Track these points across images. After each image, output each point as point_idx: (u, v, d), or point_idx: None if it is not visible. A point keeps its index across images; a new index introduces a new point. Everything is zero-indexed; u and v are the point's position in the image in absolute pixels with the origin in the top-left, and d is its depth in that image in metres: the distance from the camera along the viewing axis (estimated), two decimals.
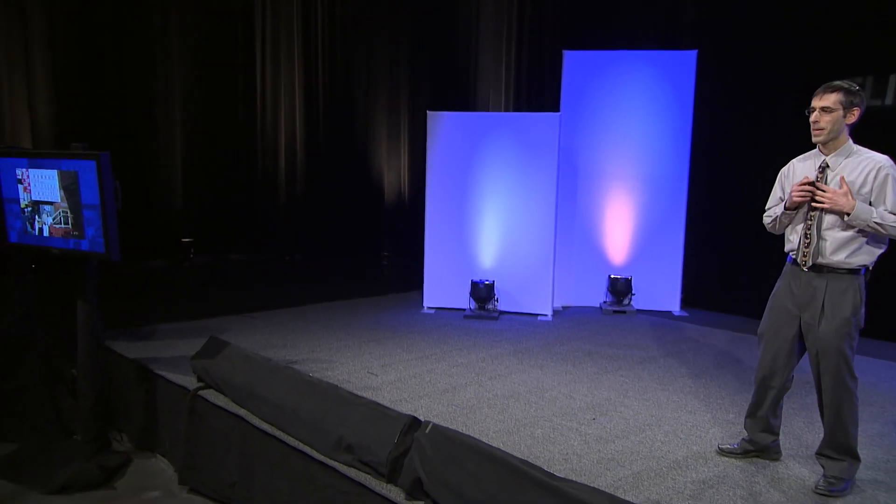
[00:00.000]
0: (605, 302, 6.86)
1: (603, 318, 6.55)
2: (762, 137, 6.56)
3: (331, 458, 3.35)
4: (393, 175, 10.37)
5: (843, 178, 2.99)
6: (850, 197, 2.93)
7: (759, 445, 3.39)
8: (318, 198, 10.31)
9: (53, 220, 4.10)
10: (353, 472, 3.23)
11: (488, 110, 8.54)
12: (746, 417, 3.44)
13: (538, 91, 8.11)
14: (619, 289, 6.73)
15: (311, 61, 10.19)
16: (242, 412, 3.87)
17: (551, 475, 2.70)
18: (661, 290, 6.80)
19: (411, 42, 9.74)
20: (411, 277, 8.19)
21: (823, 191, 2.99)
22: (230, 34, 9.77)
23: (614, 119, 6.76)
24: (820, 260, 3.05)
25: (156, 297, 6.93)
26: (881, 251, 3.03)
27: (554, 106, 6.78)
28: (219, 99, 9.67)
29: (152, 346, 5.09)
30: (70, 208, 4.02)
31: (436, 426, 3.11)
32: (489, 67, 8.79)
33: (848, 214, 2.93)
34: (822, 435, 3.19)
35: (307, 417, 3.56)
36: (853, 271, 3.01)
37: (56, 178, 4.02)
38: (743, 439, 3.45)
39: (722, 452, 3.45)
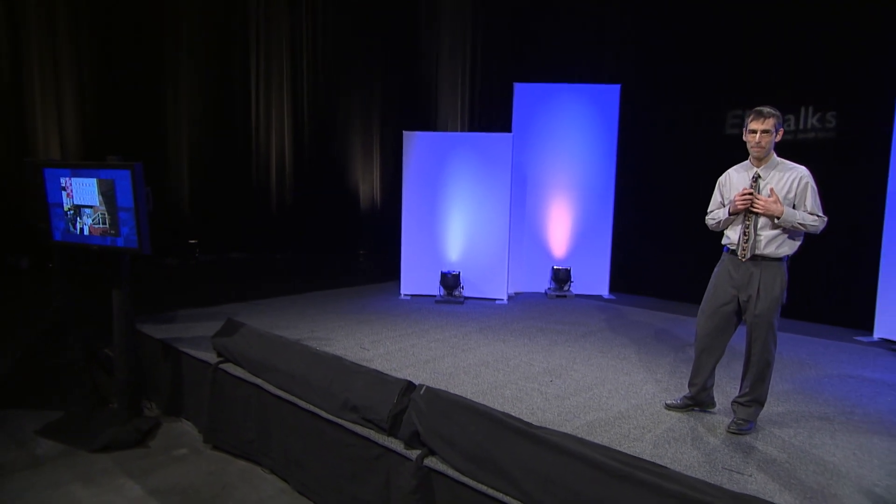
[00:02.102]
0: (549, 288, 6.93)
1: (548, 301, 6.64)
2: (672, 153, 6.76)
3: (338, 417, 3.35)
4: (367, 185, 10.34)
5: (773, 189, 3.15)
6: (779, 203, 3.09)
7: (698, 401, 3.49)
8: (303, 205, 10.24)
9: (93, 221, 4.01)
10: (358, 429, 3.24)
11: (447, 131, 8.60)
12: (690, 383, 3.49)
13: (491, 116, 8.20)
14: (561, 277, 6.82)
15: (298, 90, 10.13)
16: (259, 381, 3.84)
17: (528, 424, 2.75)
18: (594, 278, 6.91)
19: (382, 75, 9.74)
20: (386, 270, 8.20)
21: (759, 199, 3.14)
22: (230, 66, 9.66)
23: (556, 139, 6.85)
24: (756, 252, 3.19)
25: (171, 289, 6.79)
26: (799, 243, 3.21)
27: (506, 127, 6.86)
28: (220, 123, 9.57)
29: (174, 328, 4.99)
30: (107, 211, 3.94)
31: (429, 388, 3.14)
32: (447, 97, 8.86)
33: (778, 218, 3.09)
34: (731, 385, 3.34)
35: (316, 384, 3.55)
36: (780, 259, 3.19)
37: (95, 185, 3.93)
38: (685, 396, 3.52)
39: (668, 407, 3.53)
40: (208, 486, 3.57)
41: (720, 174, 3.49)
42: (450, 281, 6.37)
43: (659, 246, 6.87)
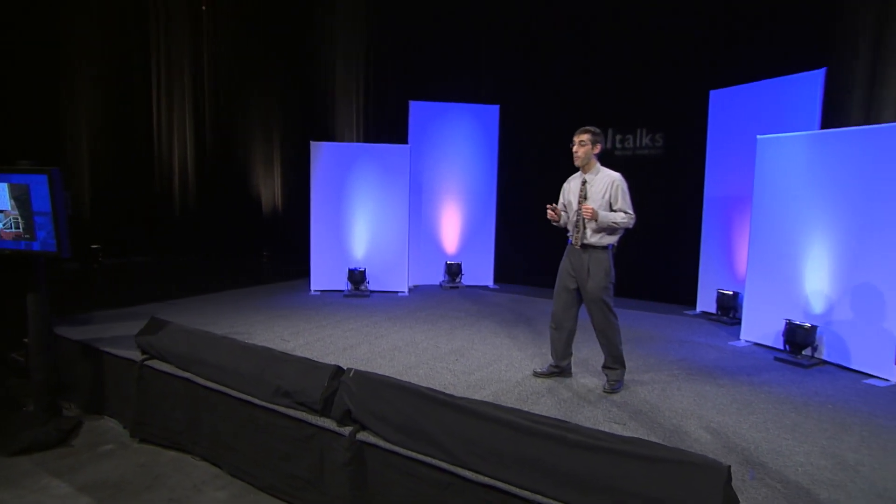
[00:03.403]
0: (443, 281, 7.07)
1: (443, 292, 6.77)
2: (540, 163, 7.10)
3: (271, 403, 3.25)
4: (268, 191, 9.96)
5: (586, 206, 3.49)
6: (595, 211, 3.45)
7: (560, 368, 3.77)
8: (207, 210, 9.71)
9: (4, 225, 3.56)
10: (290, 412, 3.15)
11: (344, 142, 8.51)
12: (551, 353, 3.79)
13: (385, 129, 8.18)
14: (453, 271, 6.99)
15: (199, 101, 9.58)
16: (188, 375, 3.62)
17: (450, 395, 2.84)
18: (480, 271, 7.14)
19: (282, 88, 9.42)
20: (292, 270, 7.97)
21: (586, 208, 3.49)
22: (131, 76, 8.95)
23: (447, 151, 7.01)
24: (584, 241, 3.53)
25: (77, 293, 6.16)
26: (619, 236, 3.58)
27: (402, 140, 6.92)
28: (121, 131, 8.89)
29: (89, 330, 4.54)
30: (21, 215, 3.52)
31: (357, 370, 3.13)
32: (343, 110, 8.75)
33: (596, 221, 3.46)
34: (601, 357, 3.66)
35: (247, 374, 3.40)
36: (604, 248, 3.53)
37: (6, 189, 3.50)
38: (550, 364, 3.79)
39: (536, 375, 3.78)
40: (140, 478, 3.32)
41: None
42: (356, 276, 6.33)
43: (532, 242, 7.21)
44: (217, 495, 3.21)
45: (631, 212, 3.51)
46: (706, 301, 5.75)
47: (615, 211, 3.51)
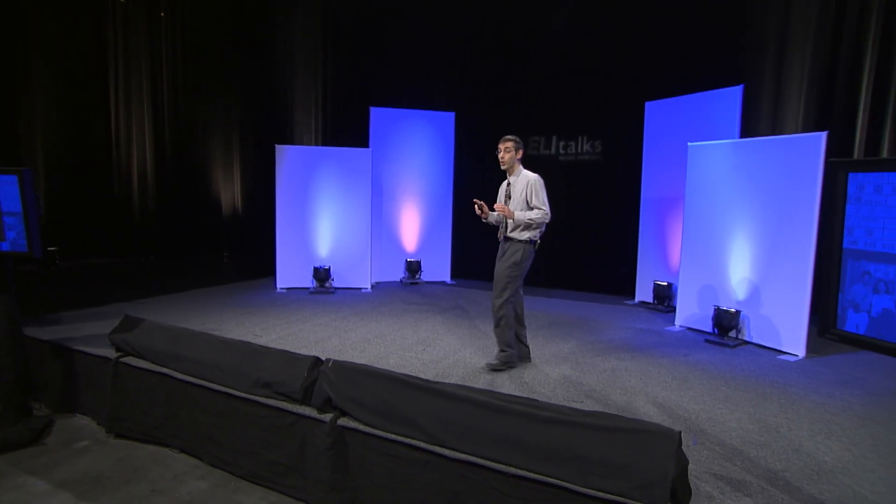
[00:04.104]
0: (403, 277, 7.10)
1: (404, 287, 6.80)
2: (491, 167, 7.19)
3: (251, 395, 3.21)
4: (228, 193, 9.67)
5: (500, 205, 3.72)
6: (509, 210, 3.67)
7: (520, 355, 3.89)
8: (167, 212, 9.34)
9: None
10: (271, 402, 3.13)
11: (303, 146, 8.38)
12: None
13: (344, 133, 8.09)
14: (413, 268, 7.03)
15: (158, 105, 9.20)
16: (165, 370, 3.52)
17: (426, 380, 2.91)
18: (438, 267, 7.20)
19: (240, 92, 9.17)
20: (254, 269, 7.80)
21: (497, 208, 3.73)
22: (87, 79, 8.50)
23: (406, 154, 7.05)
24: (506, 235, 3.76)
25: (37, 294, 5.81)
26: (539, 231, 3.75)
27: (361, 144, 6.92)
28: (78, 134, 8.44)
29: (58, 330, 4.33)
30: None
31: (335, 360, 3.14)
32: (302, 115, 8.61)
33: (512, 220, 3.66)
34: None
35: (226, 367, 3.35)
36: (522, 241, 3.71)
37: None
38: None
39: (491, 368, 3.79)
40: (119, 472, 3.21)
41: None
42: (321, 274, 6.28)
43: (486, 240, 7.27)
44: (198, 485, 3.15)
45: (545, 208, 3.69)
46: (644, 292, 6.05)
47: (532, 207, 3.68)
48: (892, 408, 3.20)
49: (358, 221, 6.46)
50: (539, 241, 3.79)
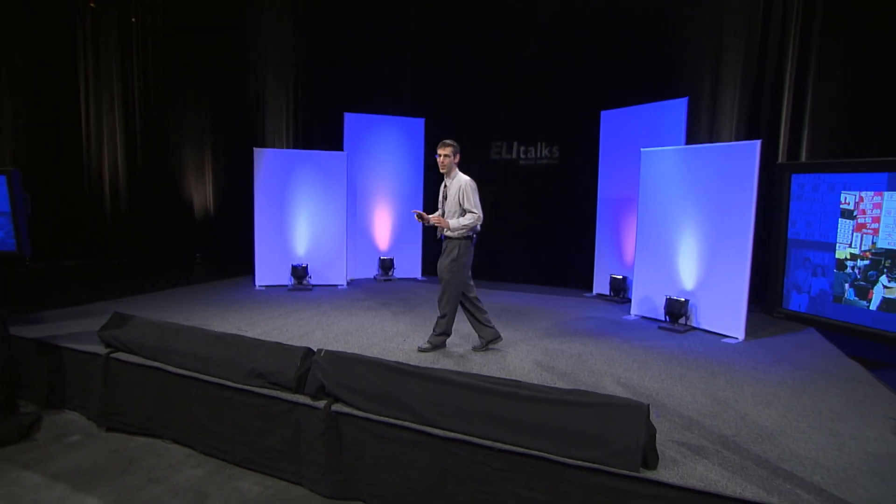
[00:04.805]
0: (377, 274, 7.10)
1: (378, 284, 6.81)
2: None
3: (245, 385, 3.21)
4: (200, 196, 9.43)
5: (438, 217, 3.86)
6: (446, 221, 3.81)
7: (444, 341, 4.02)
8: (139, 214, 9.03)
9: None
10: (265, 391, 3.14)
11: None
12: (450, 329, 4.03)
13: (315, 138, 8.03)
14: (386, 265, 7.05)
15: (130, 109, 8.90)
16: (157, 364, 3.47)
17: (416, 366, 2.99)
18: (410, 264, 7.24)
19: (212, 96, 8.96)
20: (230, 268, 7.66)
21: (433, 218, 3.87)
22: (56, 84, 8.13)
23: (379, 158, 7.06)
24: (444, 234, 3.88)
25: (15, 295, 5.54)
26: (472, 232, 3.87)
27: (339, 147, 6.91)
28: (47, 137, 8.05)
29: (40, 328, 4.16)
30: None
31: (328, 350, 3.17)
32: (273, 120, 8.49)
33: (449, 228, 3.80)
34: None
35: (219, 359, 3.33)
36: (458, 238, 3.84)
37: None
38: (436, 334, 3.98)
39: (420, 350, 3.92)
40: (114, 463, 3.15)
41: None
42: (299, 272, 6.24)
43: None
44: (194, 472, 3.12)
45: (477, 211, 3.82)
46: (601, 285, 6.30)
47: (464, 208, 3.83)
48: (816, 380, 3.50)
49: (334, 221, 6.44)
50: (476, 236, 3.92)
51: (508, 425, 2.55)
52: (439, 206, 4.04)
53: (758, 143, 4.29)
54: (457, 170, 3.95)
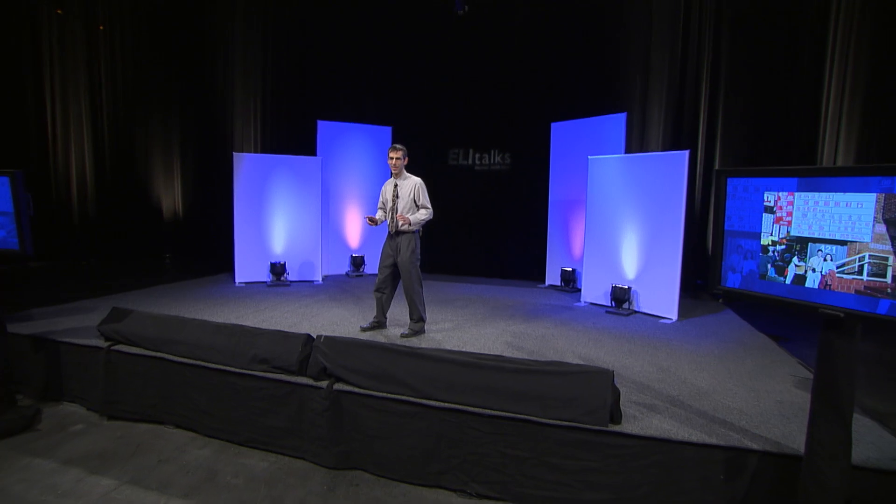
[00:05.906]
0: (349, 270, 7.15)
1: (351, 280, 6.85)
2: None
3: (248, 370, 3.26)
4: (169, 199, 9.11)
5: (401, 215, 4.03)
6: (405, 218, 4.01)
7: (380, 322, 4.25)
8: (107, 217, 8.63)
9: None
10: (269, 375, 3.20)
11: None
12: (377, 310, 4.24)
13: (283, 145, 7.96)
14: (357, 262, 7.11)
15: (98, 116, 8.47)
16: (159, 354, 3.44)
17: (410, 347, 3.15)
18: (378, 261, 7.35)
19: (181, 101, 8.67)
20: (203, 267, 7.47)
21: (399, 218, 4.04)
22: (22, 88, 7.63)
23: (350, 162, 7.12)
24: (397, 229, 4.09)
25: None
26: (420, 226, 4.13)
27: (312, 152, 6.91)
28: (12, 142, 7.53)
29: (36, 325, 4.00)
30: None
31: (327, 336, 3.28)
32: (240, 126, 8.32)
33: (409, 224, 4.00)
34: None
35: (222, 347, 3.36)
36: (411, 233, 4.08)
37: None
38: (373, 319, 4.24)
39: (363, 329, 4.15)
40: (123, 447, 3.13)
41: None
42: (278, 269, 6.22)
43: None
44: (201, 452, 3.15)
45: (430, 206, 4.11)
46: (553, 276, 6.65)
47: (419, 205, 4.08)
48: (736, 350, 3.95)
49: (309, 221, 6.46)
50: (422, 230, 4.16)
51: (496, 394, 2.77)
52: (388, 203, 4.15)
53: (686, 153, 4.75)
54: (405, 171, 4.13)
